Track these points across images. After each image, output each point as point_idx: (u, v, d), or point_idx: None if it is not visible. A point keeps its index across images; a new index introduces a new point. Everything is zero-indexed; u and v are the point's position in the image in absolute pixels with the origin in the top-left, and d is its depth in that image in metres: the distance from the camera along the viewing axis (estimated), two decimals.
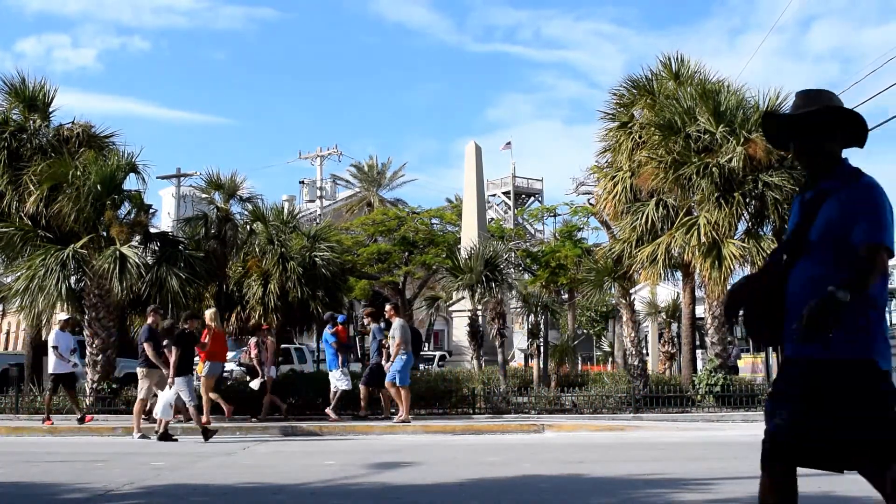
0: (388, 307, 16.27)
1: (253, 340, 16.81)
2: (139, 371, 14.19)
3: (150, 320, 14.29)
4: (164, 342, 14.18)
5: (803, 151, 3.89)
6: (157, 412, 13.50)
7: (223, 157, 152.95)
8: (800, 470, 3.63)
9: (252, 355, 16.47)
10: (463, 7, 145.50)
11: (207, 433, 13.25)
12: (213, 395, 15.14)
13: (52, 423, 15.21)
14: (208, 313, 15.78)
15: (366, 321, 16.30)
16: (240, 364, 16.21)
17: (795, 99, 4.06)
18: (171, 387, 13.37)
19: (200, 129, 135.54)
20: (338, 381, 16.03)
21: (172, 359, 13.39)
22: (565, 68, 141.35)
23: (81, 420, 15.26)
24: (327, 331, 16.61)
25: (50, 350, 15.73)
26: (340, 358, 16.14)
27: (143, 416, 14.34)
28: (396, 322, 15.58)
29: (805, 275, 3.57)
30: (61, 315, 16.06)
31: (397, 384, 15.26)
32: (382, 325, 16.79)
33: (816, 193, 3.72)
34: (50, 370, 15.74)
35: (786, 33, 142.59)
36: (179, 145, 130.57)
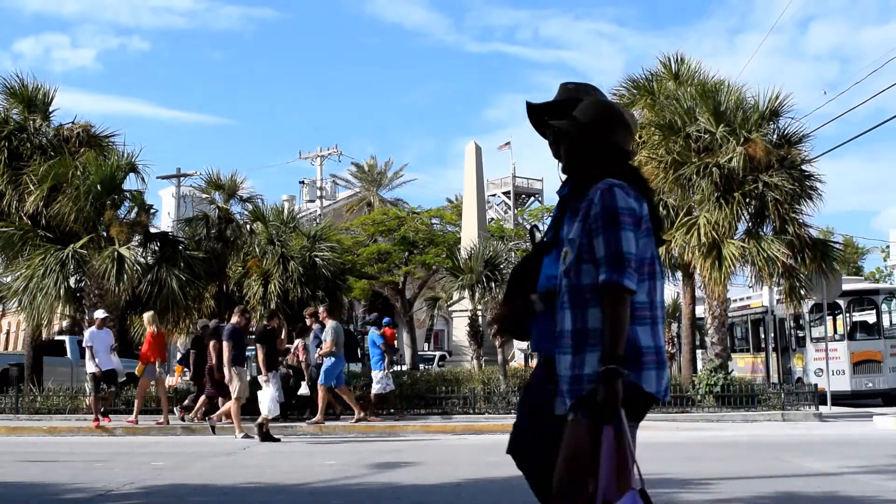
0: (321, 309, 16.10)
1: (300, 343, 16.58)
2: (231, 371, 13.88)
3: (234, 320, 14.15)
4: (210, 341, 14.54)
5: (551, 144, 3.50)
6: (265, 412, 13.15)
7: (223, 157, 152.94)
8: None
9: (301, 358, 16.30)
10: (461, 7, 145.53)
11: (262, 433, 13.17)
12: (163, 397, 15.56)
13: (102, 423, 14.80)
14: (146, 316, 15.89)
15: (308, 321, 16.31)
16: (287, 366, 16.25)
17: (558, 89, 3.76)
18: (266, 384, 13.15)
19: (200, 129, 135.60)
20: (377, 383, 16.11)
21: (260, 356, 13.28)
22: (564, 68, 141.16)
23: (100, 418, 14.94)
24: (374, 332, 16.78)
25: (87, 350, 15.07)
26: (386, 360, 16.24)
27: (194, 417, 14.55)
28: (329, 324, 15.47)
29: (546, 272, 3.36)
30: (99, 313, 15.44)
31: (322, 384, 15.20)
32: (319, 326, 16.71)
33: (565, 191, 3.42)
34: (89, 370, 15.10)
35: (785, 33, 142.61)
36: (179, 145, 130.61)
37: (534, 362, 22.33)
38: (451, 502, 7.94)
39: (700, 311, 20.83)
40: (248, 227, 19.62)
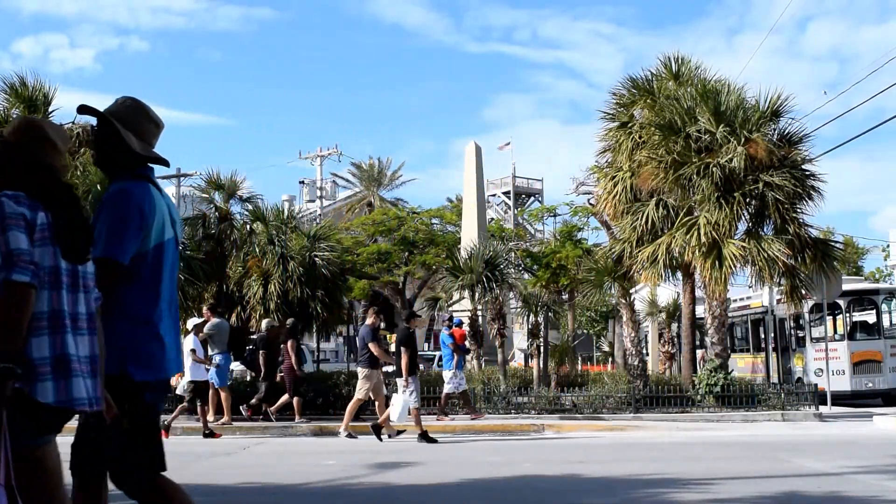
0: (204, 308, 15.93)
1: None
2: (361, 371, 13.87)
3: (369, 321, 14.22)
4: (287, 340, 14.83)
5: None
6: (395, 417, 13.09)
7: (223, 157, 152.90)
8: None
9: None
10: (460, 7, 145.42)
11: (427, 437, 13.05)
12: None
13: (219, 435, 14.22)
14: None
15: (205, 317, 16.40)
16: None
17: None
18: (405, 388, 12.99)
19: (200, 130, 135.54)
20: (448, 383, 16.21)
21: (404, 359, 13.09)
22: (563, 68, 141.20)
23: (210, 434, 14.16)
24: (444, 332, 17.05)
25: (187, 354, 14.20)
26: (456, 359, 16.29)
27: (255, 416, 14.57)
28: (211, 322, 15.36)
29: None
30: (196, 320, 15.23)
31: (219, 386, 15.18)
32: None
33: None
34: (188, 377, 14.40)
35: (783, 33, 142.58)
36: (179, 145, 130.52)
37: (534, 362, 22.46)
38: (451, 502, 7.94)
39: (700, 311, 20.82)
40: (247, 227, 19.60)
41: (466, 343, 17.90)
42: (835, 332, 22.06)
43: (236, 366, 27.04)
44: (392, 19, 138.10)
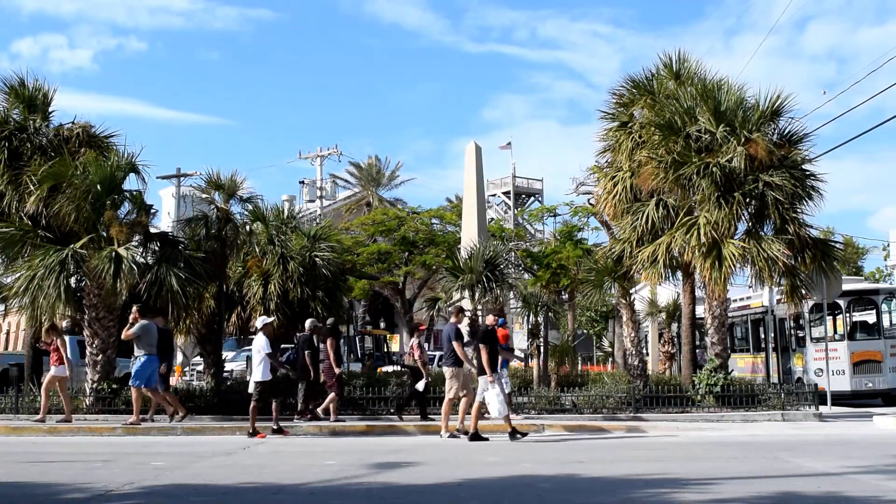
0: (134, 309, 15.73)
1: (415, 342, 16.93)
2: (448, 370, 13.92)
3: (453, 320, 14.30)
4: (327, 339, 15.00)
5: None
6: (494, 413, 13.27)
7: (223, 157, 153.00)
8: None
9: (416, 357, 16.56)
10: (458, 7, 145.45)
11: (515, 433, 13.27)
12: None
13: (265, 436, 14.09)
14: (51, 323, 16.30)
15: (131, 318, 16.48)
16: (403, 366, 16.51)
17: None
18: (492, 385, 13.13)
19: (199, 130, 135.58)
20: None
21: (484, 357, 13.21)
22: (561, 69, 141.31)
23: (253, 434, 13.98)
24: None
25: (258, 356, 14.38)
26: (500, 360, 16.27)
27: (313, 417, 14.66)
28: (138, 323, 15.34)
29: None
30: (264, 319, 15.09)
31: (132, 385, 15.25)
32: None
33: None
34: (259, 377, 14.22)
35: (782, 33, 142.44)
36: (179, 145, 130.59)
37: (534, 362, 22.46)
38: (451, 502, 7.94)
39: (700, 310, 20.81)
40: (247, 227, 19.57)
41: (509, 343, 17.70)
42: (835, 332, 22.06)
43: (237, 366, 27.16)
44: (390, 19, 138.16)
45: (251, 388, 14.37)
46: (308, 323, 16.88)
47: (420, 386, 16.22)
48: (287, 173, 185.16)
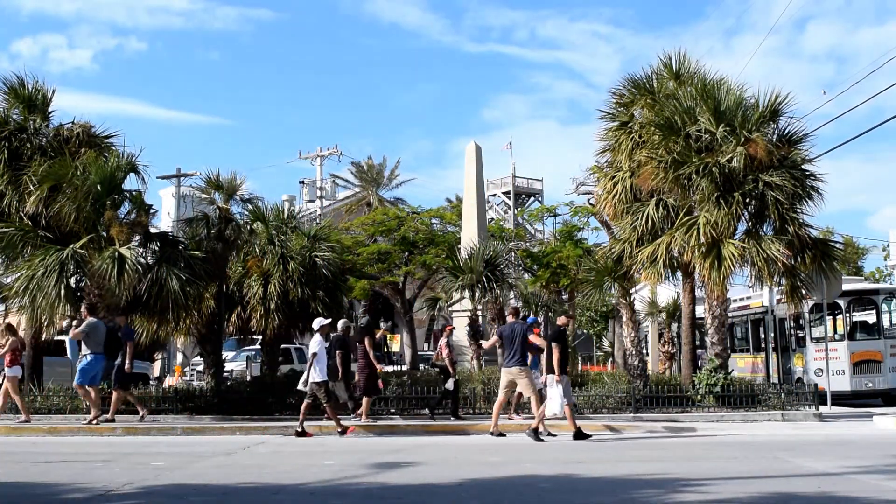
0: (82, 307, 15.93)
1: (444, 341, 17.02)
2: (520, 371, 13.98)
3: (511, 319, 14.39)
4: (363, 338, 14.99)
5: None
6: (553, 410, 13.44)
7: (223, 157, 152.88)
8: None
9: (444, 355, 16.64)
10: (458, 7, 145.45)
11: (580, 434, 13.42)
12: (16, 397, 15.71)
13: (354, 431, 14.36)
14: (6, 323, 16.58)
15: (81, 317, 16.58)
16: (433, 365, 16.60)
17: None
18: (557, 384, 13.36)
19: (199, 130, 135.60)
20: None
21: (555, 357, 13.43)
22: (561, 69, 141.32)
23: (343, 432, 14.23)
24: None
25: (310, 357, 14.54)
26: (530, 359, 16.28)
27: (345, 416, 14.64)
28: (85, 322, 15.41)
29: None
30: (320, 320, 15.16)
31: (77, 384, 15.30)
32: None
33: None
34: (317, 378, 14.32)
35: (781, 33, 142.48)
36: (178, 145, 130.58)
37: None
38: (451, 502, 7.94)
39: (700, 311, 20.82)
40: (248, 227, 19.59)
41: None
42: (835, 332, 22.06)
43: (237, 366, 27.16)
44: (389, 20, 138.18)
45: (306, 388, 14.47)
46: (340, 323, 16.92)
47: (450, 385, 16.31)
48: (287, 173, 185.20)
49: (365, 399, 15.69)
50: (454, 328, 18.34)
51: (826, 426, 15.77)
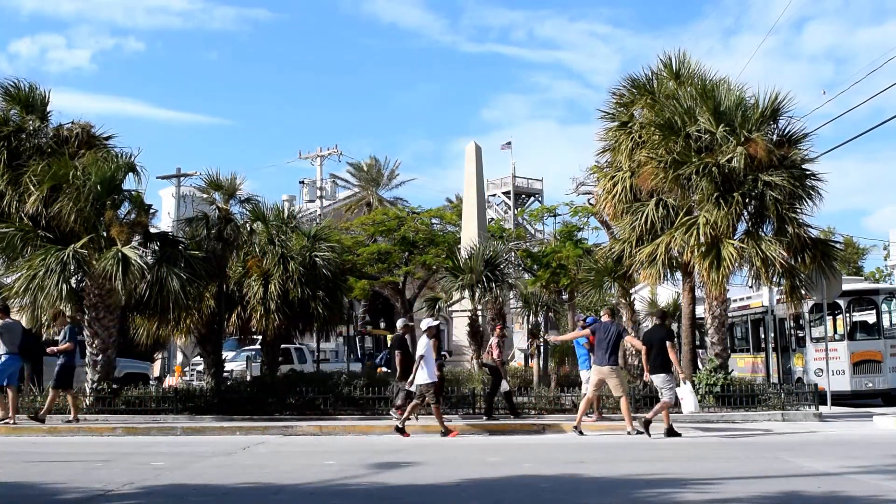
0: None
1: (494, 341, 16.96)
2: (610, 369, 14.09)
3: (606, 319, 14.43)
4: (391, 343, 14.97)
5: None
6: (689, 408, 13.73)
7: (223, 157, 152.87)
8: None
9: (494, 356, 16.59)
10: (456, 7, 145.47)
11: (673, 432, 13.58)
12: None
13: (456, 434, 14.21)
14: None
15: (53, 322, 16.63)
16: (483, 365, 16.58)
17: None
18: (685, 382, 13.59)
19: (199, 130, 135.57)
20: (587, 384, 16.19)
21: (672, 355, 13.63)
22: (560, 69, 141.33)
23: (447, 433, 14.06)
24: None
25: (417, 359, 14.39)
26: (591, 359, 16.29)
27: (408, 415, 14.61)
28: (2, 322, 15.37)
29: None
30: (428, 321, 15.09)
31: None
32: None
33: None
34: (427, 379, 14.21)
35: (780, 34, 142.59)
36: (178, 145, 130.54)
37: (534, 362, 22.41)
38: (451, 502, 7.94)
39: (700, 310, 20.82)
40: (248, 227, 19.59)
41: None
42: (835, 332, 22.06)
43: (237, 366, 27.15)
44: (388, 20, 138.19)
45: (413, 389, 14.53)
46: (399, 322, 16.88)
47: (504, 386, 16.30)
48: (287, 173, 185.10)
49: (415, 400, 15.58)
50: (504, 327, 18.33)
51: (826, 426, 15.77)
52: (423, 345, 14.49)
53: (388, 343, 17.59)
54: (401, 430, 14.03)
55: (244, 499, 8.20)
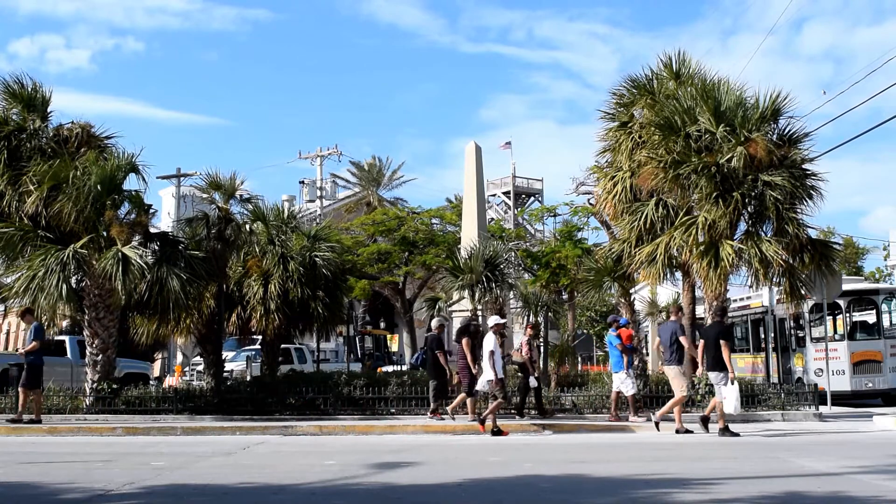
0: None
1: (525, 339, 17.28)
2: (673, 369, 14.36)
3: (674, 318, 14.60)
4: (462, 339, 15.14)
5: None
6: (730, 409, 13.73)
7: (223, 157, 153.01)
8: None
9: (523, 353, 16.85)
10: (455, 7, 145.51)
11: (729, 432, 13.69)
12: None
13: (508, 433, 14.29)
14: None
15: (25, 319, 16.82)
16: (512, 362, 16.78)
17: None
18: (732, 382, 13.68)
19: (198, 130, 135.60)
20: (621, 384, 16.25)
21: (725, 353, 13.77)
22: (558, 69, 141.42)
23: (499, 433, 14.14)
24: (611, 333, 17.10)
25: (486, 356, 14.46)
26: (626, 360, 16.34)
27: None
28: None
29: None
30: (496, 318, 15.12)
31: None
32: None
33: None
34: (493, 376, 14.30)
35: (779, 34, 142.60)
36: (178, 145, 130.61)
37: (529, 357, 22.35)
38: (451, 502, 7.94)
39: (700, 310, 20.81)
40: (248, 227, 19.58)
41: (633, 342, 17.53)
42: (835, 332, 22.05)
43: (237, 366, 27.16)
44: (387, 20, 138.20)
45: (483, 387, 14.73)
46: (434, 322, 16.96)
47: (532, 382, 16.46)
48: (287, 173, 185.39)
49: (469, 399, 15.62)
50: (534, 325, 18.59)
51: (826, 426, 15.77)
52: (490, 342, 14.55)
53: (425, 342, 17.71)
54: (497, 432, 14.09)
55: (244, 499, 8.20)
